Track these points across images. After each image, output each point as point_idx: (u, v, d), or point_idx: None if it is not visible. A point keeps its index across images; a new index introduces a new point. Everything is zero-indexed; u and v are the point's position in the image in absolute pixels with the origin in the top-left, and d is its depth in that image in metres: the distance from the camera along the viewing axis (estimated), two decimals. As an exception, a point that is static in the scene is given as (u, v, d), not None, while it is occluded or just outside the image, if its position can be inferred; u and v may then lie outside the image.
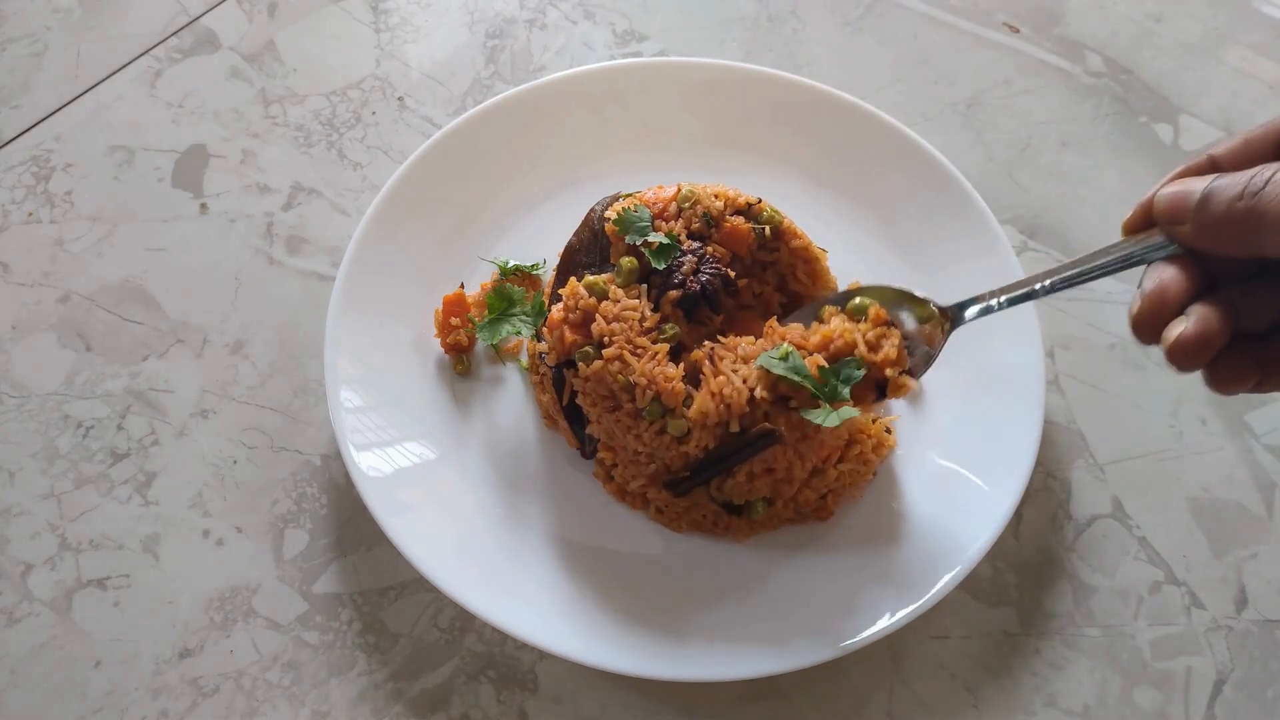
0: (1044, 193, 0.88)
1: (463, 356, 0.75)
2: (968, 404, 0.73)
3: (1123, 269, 0.50)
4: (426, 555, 0.64)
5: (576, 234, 0.70)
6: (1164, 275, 0.47)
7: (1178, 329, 0.45)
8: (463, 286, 0.77)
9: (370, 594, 0.69)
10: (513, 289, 0.76)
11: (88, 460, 0.74)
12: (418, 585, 0.69)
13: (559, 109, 0.84)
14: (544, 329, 0.67)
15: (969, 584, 0.70)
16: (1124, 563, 0.71)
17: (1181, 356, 0.45)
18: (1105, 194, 0.88)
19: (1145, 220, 0.49)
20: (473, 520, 0.68)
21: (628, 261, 0.65)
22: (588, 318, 0.65)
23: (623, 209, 0.67)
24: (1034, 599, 0.70)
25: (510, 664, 0.67)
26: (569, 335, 0.65)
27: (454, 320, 0.75)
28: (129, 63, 0.94)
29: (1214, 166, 0.47)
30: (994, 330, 0.73)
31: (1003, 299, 0.57)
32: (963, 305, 0.60)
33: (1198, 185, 0.45)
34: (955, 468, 0.70)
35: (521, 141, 0.83)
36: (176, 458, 0.74)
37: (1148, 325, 0.47)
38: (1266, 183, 0.42)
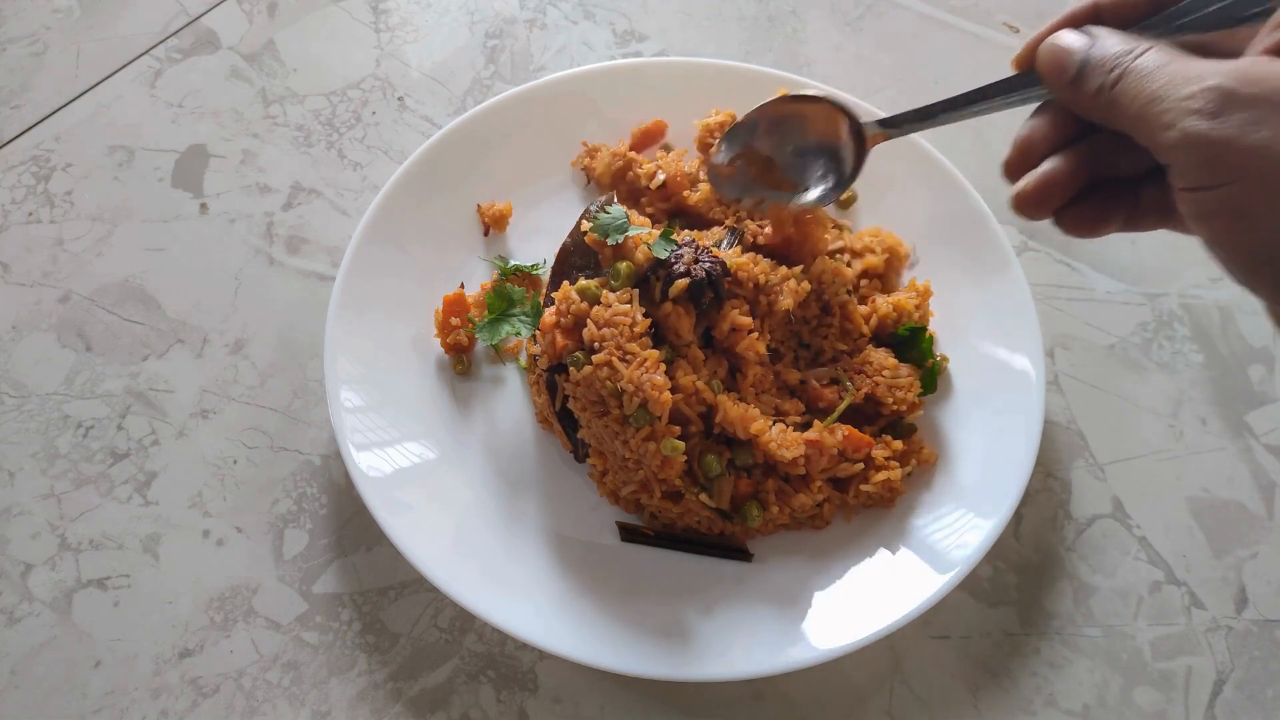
0: (1044, 193, 0.88)
1: (463, 356, 0.75)
2: (967, 404, 0.73)
3: (1005, 105, 0.54)
4: (426, 555, 0.64)
5: (571, 235, 0.70)
6: (1034, 125, 0.50)
7: (1023, 181, 0.49)
8: (463, 286, 0.77)
9: (370, 594, 0.69)
10: (513, 289, 0.76)
11: (88, 460, 0.74)
12: (418, 585, 0.69)
13: (559, 109, 0.84)
14: (537, 333, 0.67)
15: (969, 584, 0.70)
16: (1124, 563, 0.71)
17: (1022, 206, 0.49)
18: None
19: (1032, 59, 0.49)
20: (472, 520, 0.68)
21: (625, 265, 0.65)
22: (579, 322, 0.64)
23: (597, 213, 0.67)
24: (1034, 599, 0.70)
25: (510, 664, 0.67)
26: (560, 340, 0.64)
27: (454, 320, 0.75)
28: (129, 63, 0.94)
29: (1096, 14, 0.47)
30: (994, 330, 0.74)
31: (897, 130, 0.63)
32: (879, 122, 0.65)
33: (1077, 46, 0.46)
34: (955, 467, 0.70)
35: (521, 141, 0.83)
36: (176, 458, 0.74)
37: (1014, 173, 0.50)
38: (1124, 73, 0.42)
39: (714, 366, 0.69)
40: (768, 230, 0.73)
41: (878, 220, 0.80)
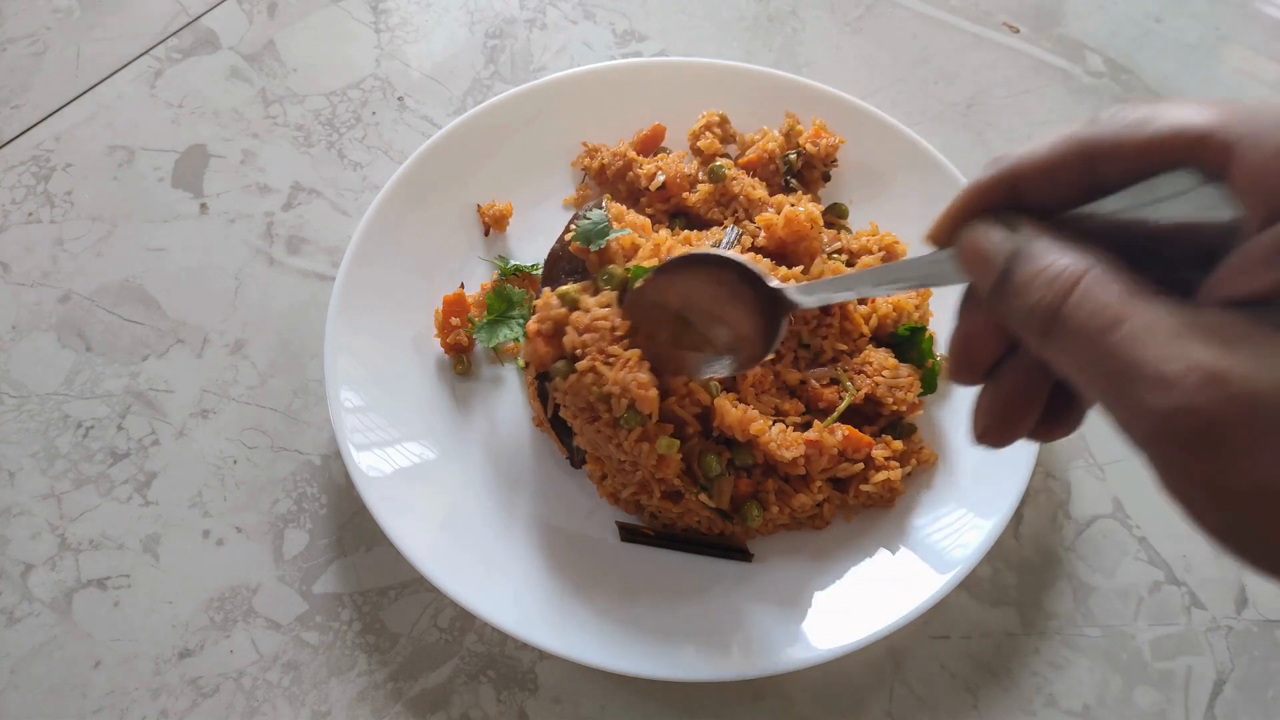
0: (1044, 193, 0.88)
1: (463, 356, 0.75)
2: (967, 403, 0.73)
3: (933, 285, 0.43)
4: (426, 555, 0.64)
5: (559, 240, 0.69)
6: (970, 318, 0.39)
7: (980, 414, 0.39)
8: (463, 286, 0.77)
9: (370, 594, 0.69)
10: (512, 290, 0.76)
11: (88, 460, 0.74)
12: (418, 585, 0.69)
13: (559, 109, 0.84)
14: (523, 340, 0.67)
15: (969, 584, 0.70)
16: (1124, 563, 0.71)
17: (987, 443, 0.39)
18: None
19: (950, 237, 0.38)
20: (472, 519, 0.68)
21: (616, 268, 0.65)
22: (560, 328, 0.63)
23: (579, 220, 0.66)
24: (1034, 599, 0.70)
25: (510, 664, 0.67)
26: (543, 347, 0.64)
27: (454, 320, 0.75)
28: (129, 63, 0.94)
29: (1014, 192, 0.36)
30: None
31: (811, 298, 0.52)
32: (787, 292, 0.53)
33: (1000, 246, 0.35)
34: (955, 467, 0.70)
35: (521, 141, 0.83)
36: (176, 458, 0.74)
37: (963, 380, 0.40)
38: (1069, 302, 0.31)
39: None
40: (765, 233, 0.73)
41: (876, 220, 0.80)
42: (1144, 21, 1.00)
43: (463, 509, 0.69)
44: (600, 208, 0.68)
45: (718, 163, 0.79)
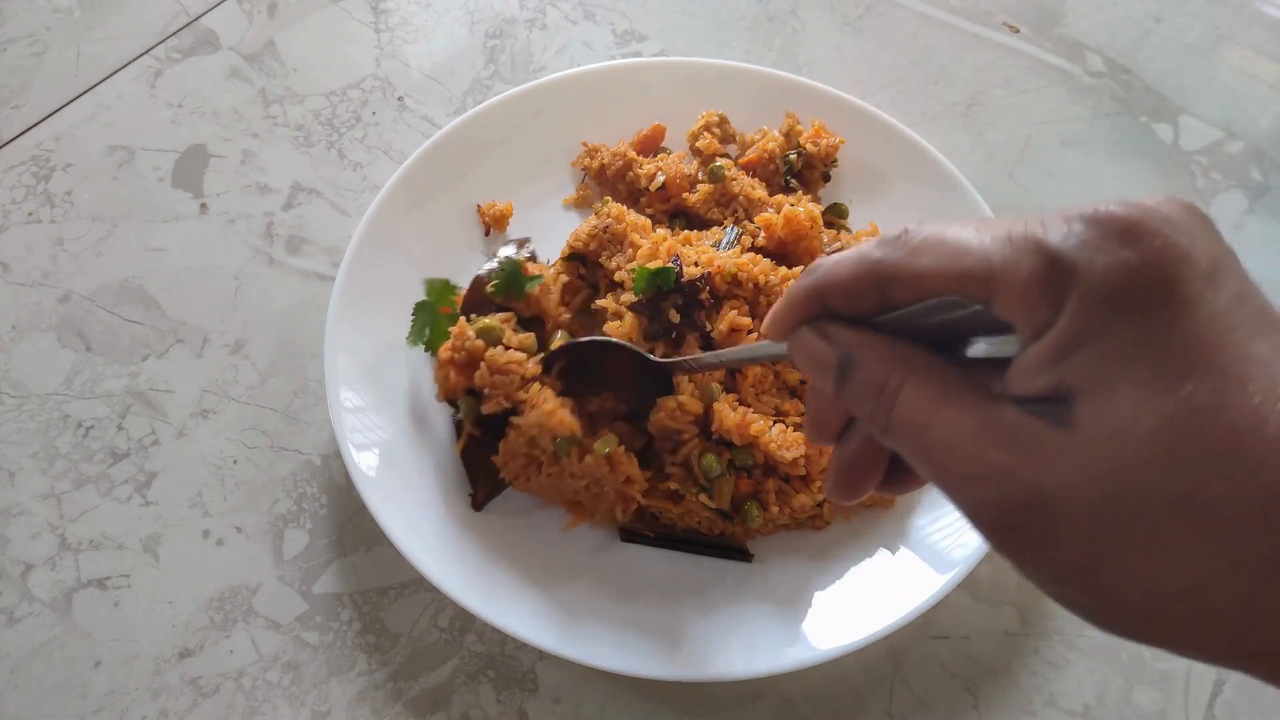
0: (1044, 192, 0.88)
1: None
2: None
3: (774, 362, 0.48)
4: (426, 554, 0.64)
5: (489, 269, 0.72)
6: (818, 403, 0.41)
7: (829, 474, 0.42)
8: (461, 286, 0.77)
9: (370, 594, 0.69)
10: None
11: (88, 460, 0.74)
12: (418, 585, 0.69)
13: (559, 109, 0.84)
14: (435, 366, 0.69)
15: (969, 584, 0.70)
16: (1124, 563, 0.71)
17: (838, 499, 0.42)
18: (1105, 194, 0.87)
19: (782, 334, 0.40)
20: (472, 519, 0.68)
21: (494, 324, 0.67)
22: (474, 360, 0.66)
23: (495, 273, 0.70)
24: (1034, 599, 0.70)
25: (510, 664, 0.67)
26: (454, 376, 0.67)
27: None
28: (129, 63, 0.94)
29: (824, 303, 0.38)
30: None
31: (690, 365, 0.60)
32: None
33: (827, 356, 0.37)
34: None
35: (521, 141, 0.83)
36: (176, 458, 0.74)
37: (821, 439, 0.42)
38: (896, 403, 0.35)
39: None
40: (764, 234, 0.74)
41: (876, 220, 0.80)
42: (1144, 21, 1.00)
43: (463, 509, 0.69)
44: (511, 255, 0.72)
45: (717, 163, 0.79)
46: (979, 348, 0.35)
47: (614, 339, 0.66)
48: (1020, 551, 0.32)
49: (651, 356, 0.64)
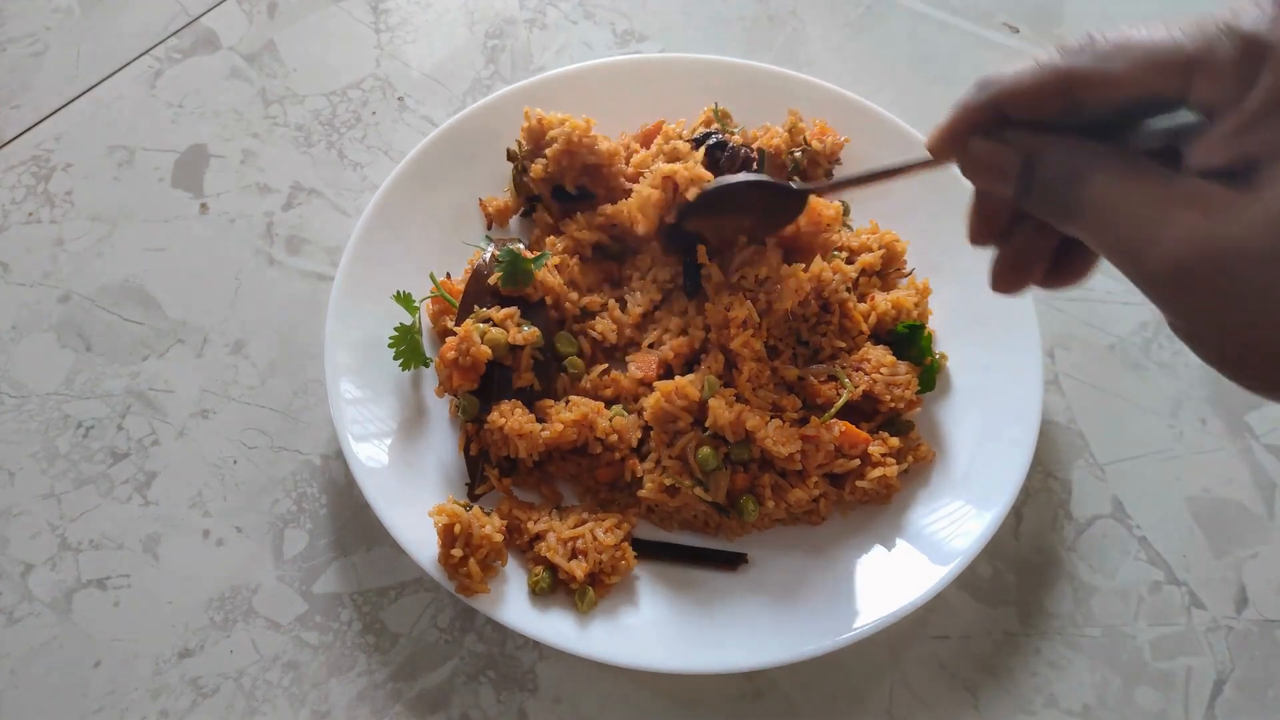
0: (1044, 192, 0.88)
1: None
2: (966, 402, 0.73)
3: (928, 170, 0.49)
4: (424, 549, 0.64)
5: (483, 263, 0.73)
6: (985, 205, 0.45)
7: (995, 262, 0.46)
8: (449, 275, 0.77)
9: (370, 594, 0.69)
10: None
11: (88, 460, 0.74)
12: (418, 585, 0.69)
13: (560, 105, 0.83)
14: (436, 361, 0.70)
15: (969, 584, 0.70)
16: (1124, 563, 0.71)
17: (1001, 288, 0.46)
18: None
19: (947, 151, 0.44)
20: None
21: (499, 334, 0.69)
22: (476, 365, 0.67)
23: (497, 259, 0.71)
24: (1034, 599, 0.70)
25: (510, 664, 0.67)
26: (457, 379, 0.68)
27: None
28: (129, 63, 0.94)
29: (1000, 113, 0.41)
30: (993, 330, 0.74)
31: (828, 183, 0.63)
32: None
33: (1009, 159, 0.40)
34: (953, 465, 0.70)
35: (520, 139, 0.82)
36: (176, 458, 0.74)
37: (982, 240, 0.46)
38: (1086, 188, 0.38)
39: (710, 363, 0.69)
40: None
41: (876, 218, 0.80)
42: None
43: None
44: (508, 244, 0.72)
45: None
46: (1157, 122, 0.38)
47: (752, 177, 0.69)
48: (1196, 308, 0.34)
49: (791, 185, 0.66)
